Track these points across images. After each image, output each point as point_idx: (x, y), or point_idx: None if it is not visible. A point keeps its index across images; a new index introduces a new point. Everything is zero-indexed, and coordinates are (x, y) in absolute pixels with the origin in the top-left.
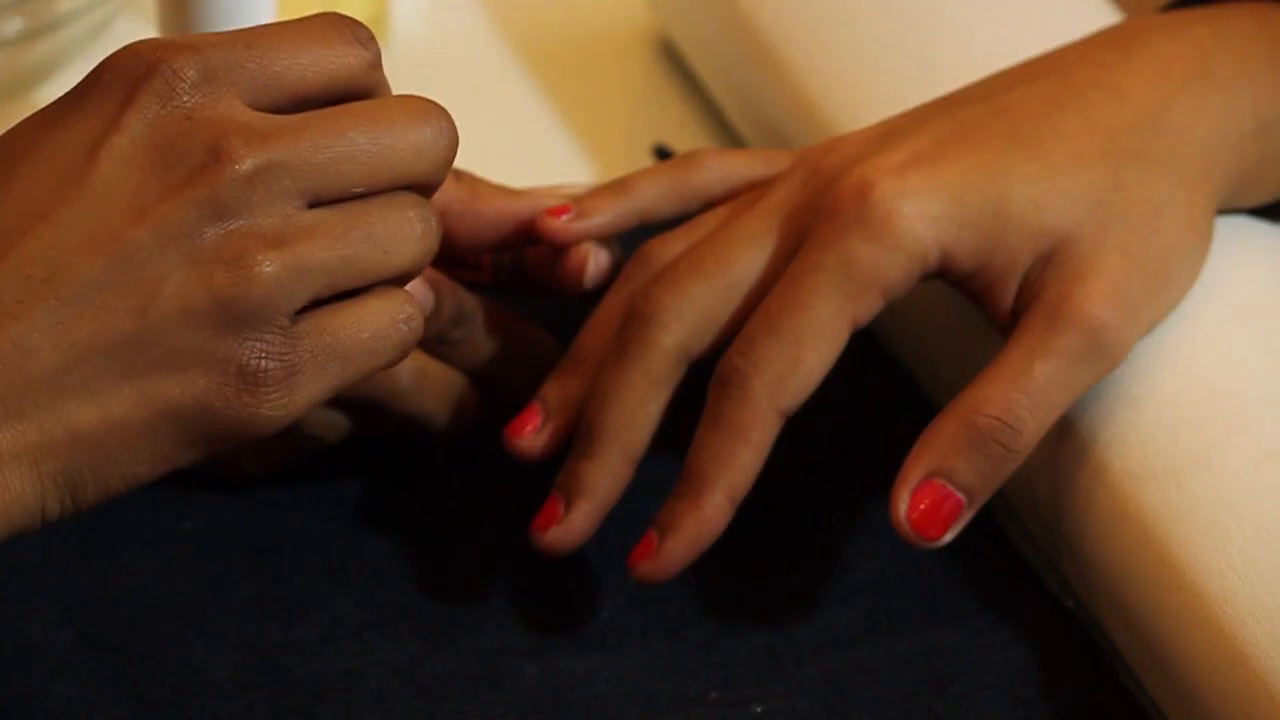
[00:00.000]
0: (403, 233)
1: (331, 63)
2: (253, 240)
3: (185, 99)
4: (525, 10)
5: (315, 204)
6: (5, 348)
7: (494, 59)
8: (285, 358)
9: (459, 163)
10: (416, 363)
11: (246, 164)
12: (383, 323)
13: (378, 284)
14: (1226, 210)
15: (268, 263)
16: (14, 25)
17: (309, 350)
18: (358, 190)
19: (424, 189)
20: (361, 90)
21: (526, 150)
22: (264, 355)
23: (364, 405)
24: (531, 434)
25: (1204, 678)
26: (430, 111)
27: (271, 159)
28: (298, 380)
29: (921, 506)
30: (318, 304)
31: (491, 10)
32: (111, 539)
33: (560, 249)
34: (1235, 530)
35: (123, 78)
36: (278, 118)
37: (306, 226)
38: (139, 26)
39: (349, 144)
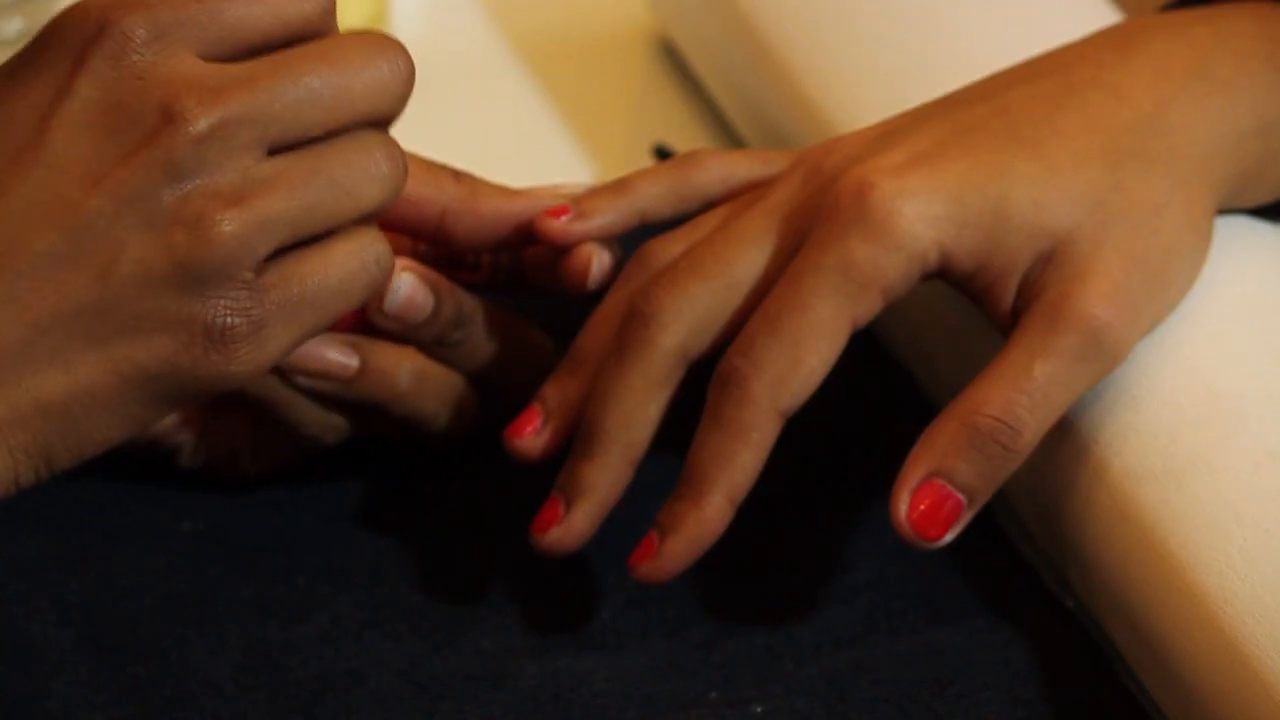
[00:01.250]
0: (367, 173)
1: (285, 11)
2: (211, 199)
3: (136, 58)
4: (525, 10)
5: (275, 151)
6: None
7: (494, 59)
8: (251, 313)
9: (459, 163)
10: (416, 365)
11: (200, 123)
12: (352, 265)
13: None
14: (1226, 210)
15: (227, 221)
16: (14, 25)
17: (276, 302)
18: (317, 134)
19: (384, 124)
20: (315, 38)
21: (526, 150)
22: (229, 313)
23: (363, 406)
24: (531, 435)
25: (1204, 678)
26: (384, 45)
27: (226, 115)
28: (267, 333)
29: (922, 507)
30: (285, 250)
31: (491, 10)
32: (111, 539)
33: (560, 250)
34: (1235, 530)
35: (72, 40)
36: (231, 68)
37: (266, 178)
38: None
39: (304, 88)
